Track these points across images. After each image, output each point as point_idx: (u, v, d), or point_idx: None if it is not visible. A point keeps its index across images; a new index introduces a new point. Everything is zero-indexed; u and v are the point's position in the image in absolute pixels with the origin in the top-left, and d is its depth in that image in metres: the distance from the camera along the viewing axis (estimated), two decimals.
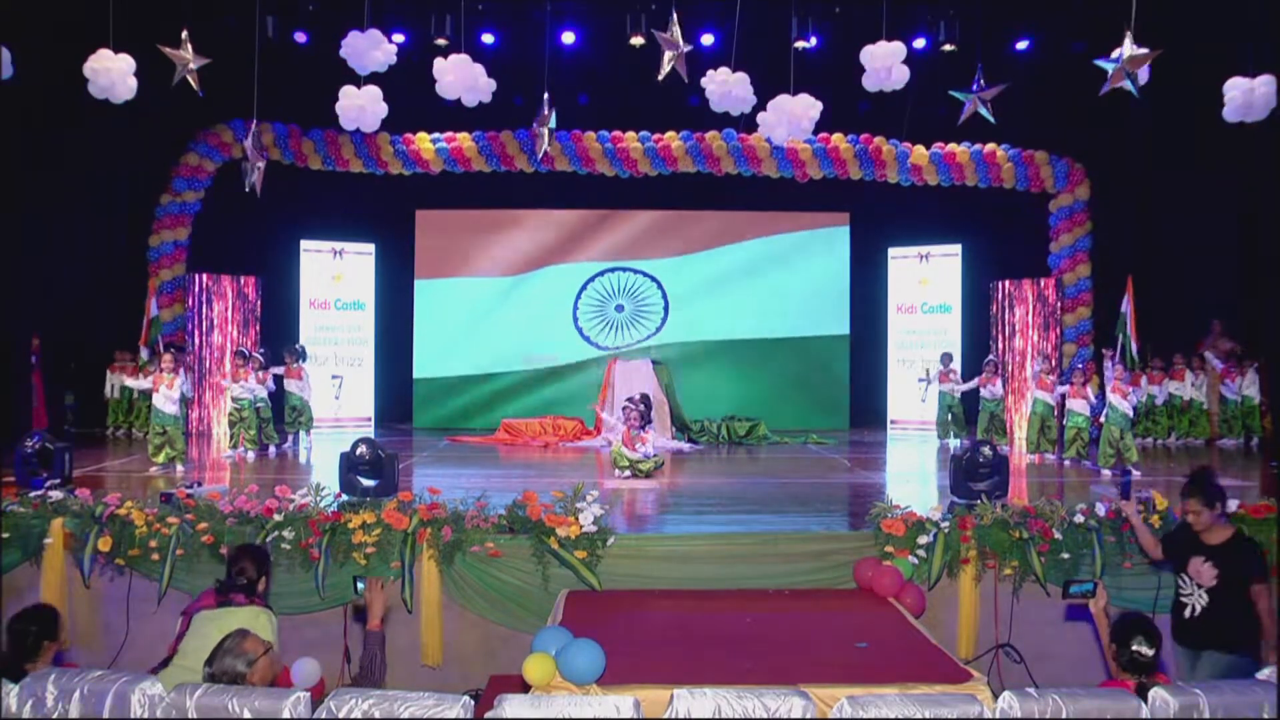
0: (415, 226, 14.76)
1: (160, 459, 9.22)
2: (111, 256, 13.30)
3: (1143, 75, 7.67)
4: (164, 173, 13.31)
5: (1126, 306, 11.83)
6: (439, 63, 8.41)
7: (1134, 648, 3.71)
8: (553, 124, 9.26)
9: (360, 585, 4.29)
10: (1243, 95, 7.70)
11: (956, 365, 12.61)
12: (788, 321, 14.74)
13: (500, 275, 14.86)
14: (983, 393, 11.64)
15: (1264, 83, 7.63)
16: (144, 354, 12.22)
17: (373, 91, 8.28)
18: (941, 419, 12.31)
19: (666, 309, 14.87)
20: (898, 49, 8.13)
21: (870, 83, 8.26)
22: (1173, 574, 4.88)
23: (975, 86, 8.69)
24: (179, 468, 9.20)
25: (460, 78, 8.30)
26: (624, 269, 14.90)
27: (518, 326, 14.82)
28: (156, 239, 13.35)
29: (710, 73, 8.26)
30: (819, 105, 8.34)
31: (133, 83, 7.77)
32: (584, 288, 14.89)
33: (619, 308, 14.90)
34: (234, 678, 3.55)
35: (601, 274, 14.88)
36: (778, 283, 14.75)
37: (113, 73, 7.61)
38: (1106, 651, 3.89)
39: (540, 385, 14.77)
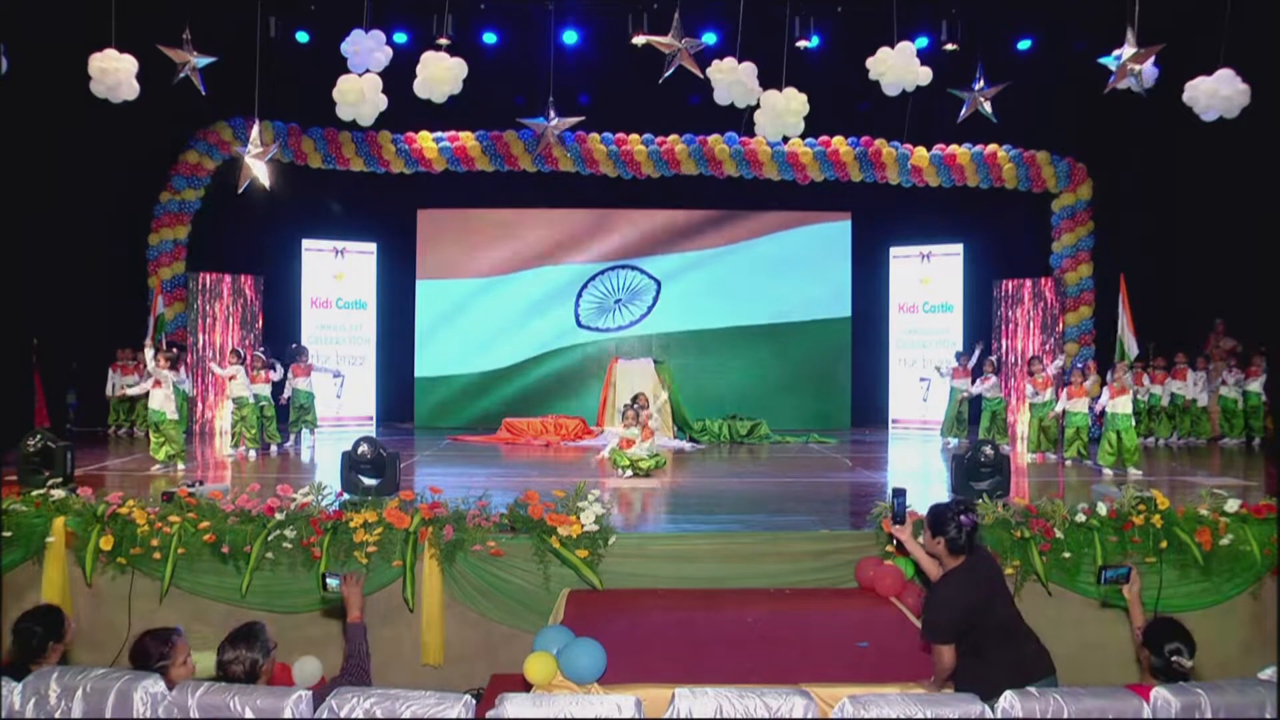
0: (417, 226, 14.78)
1: (161, 456, 9.23)
2: (112, 255, 13.31)
3: (1150, 74, 7.65)
4: (163, 171, 13.32)
5: (1121, 306, 11.84)
6: (420, 69, 8.38)
7: (1172, 658, 3.56)
8: (558, 127, 9.25)
9: (331, 582, 4.23)
10: (1201, 94, 7.72)
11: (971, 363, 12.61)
12: (789, 315, 14.75)
13: (502, 275, 14.87)
14: (985, 391, 11.65)
15: (1219, 79, 7.62)
16: (149, 353, 12.21)
17: (372, 79, 8.22)
18: (950, 416, 12.30)
19: (658, 296, 14.89)
20: (907, 49, 8.12)
21: (892, 89, 8.25)
22: None
23: (975, 85, 8.68)
24: (179, 466, 9.21)
25: (427, 74, 8.22)
26: (625, 267, 14.91)
27: (519, 326, 14.83)
28: (156, 237, 13.36)
29: (716, 63, 8.24)
30: (802, 97, 8.32)
31: (136, 84, 7.78)
32: (584, 288, 14.90)
33: (618, 302, 14.92)
34: (253, 665, 3.56)
35: (602, 273, 14.89)
36: (780, 280, 14.76)
37: (120, 73, 7.60)
38: (1138, 654, 3.80)
39: (542, 384, 14.78)
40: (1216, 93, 7.55)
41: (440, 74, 8.11)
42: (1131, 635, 3.94)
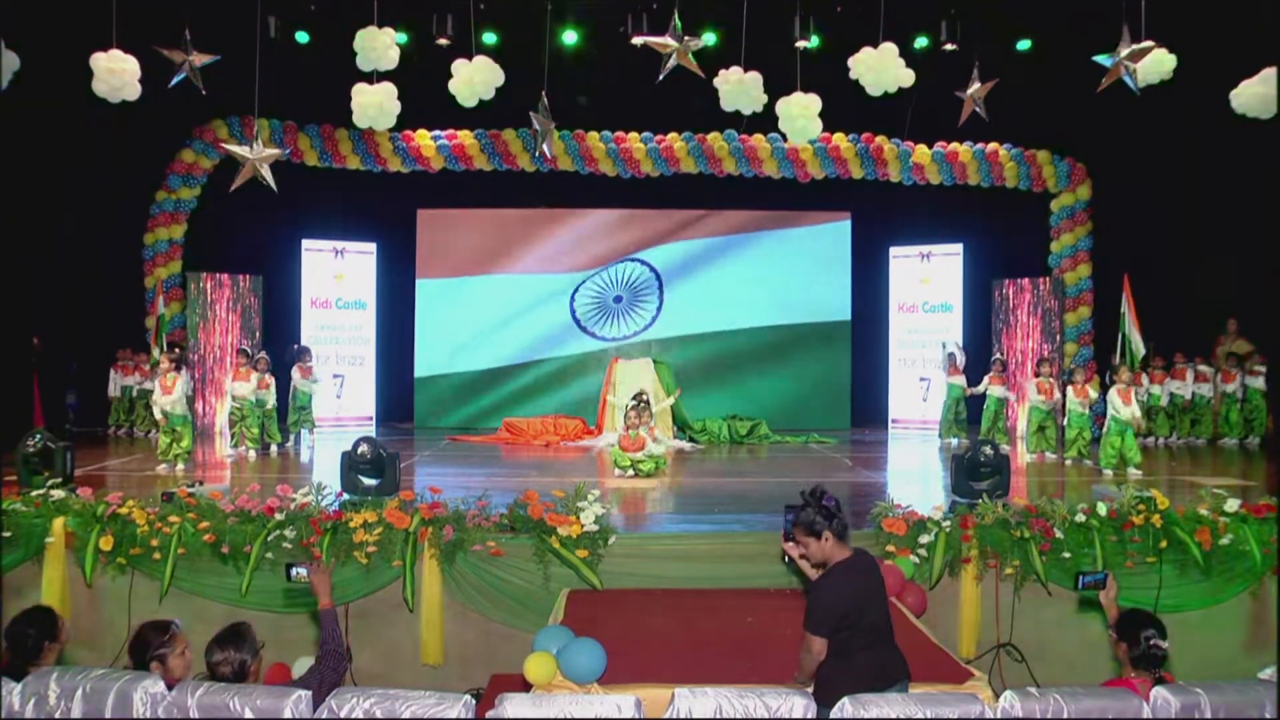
0: (416, 225, 14.78)
1: (170, 457, 9.24)
2: (109, 255, 13.30)
3: (1168, 69, 7.65)
4: (160, 170, 13.28)
5: (1125, 305, 11.83)
6: (456, 70, 8.38)
7: (1150, 641, 3.65)
8: (552, 126, 9.22)
9: (297, 571, 4.22)
10: (1248, 98, 7.67)
11: (960, 361, 12.63)
12: (789, 315, 14.76)
13: (502, 274, 14.87)
14: (992, 390, 11.64)
15: (1264, 80, 7.60)
16: (155, 353, 12.22)
17: (388, 88, 8.22)
18: (947, 417, 12.29)
19: (661, 300, 14.89)
20: (889, 49, 8.12)
21: (874, 89, 8.25)
22: None
23: (971, 88, 8.67)
24: (179, 466, 9.21)
25: (483, 81, 8.27)
26: (625, 260, 14.91)
27: (519, 325, 14.83)
28: (151, 236, 13.32)
29: (723, 72, 8.26)
30: (808, 98, 8.33)
31: (139, 85, 7.78)
32: (581, 283, 14.90)
33: (617, 299, 14.92)
34: (241, 665, 3.56)
35: (600, 270, 14.88)
36: (779, 280, 14.77)
37: (126, 74, 7.60)
38: (1115, 650, 3.84)
39: (542, 384, 14.79)
40: (1262, 94, 7.53)
41: (478, 76, 8.18)
42: (1107, 635, 3.99)
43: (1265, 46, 7.73)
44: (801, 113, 8.29)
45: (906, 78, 8.29)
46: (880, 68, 8.10)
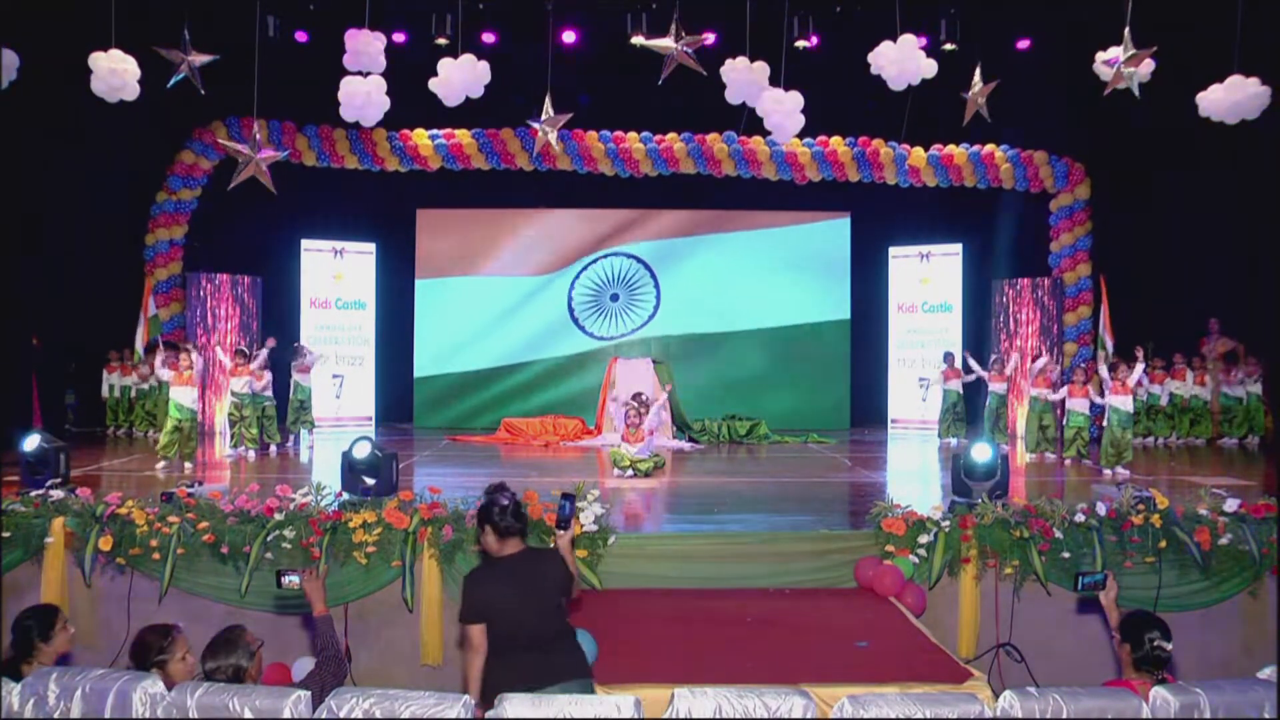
0: (416, 225, 14.78)
1: (170, 454, 9.22)
2: (110, 256, 13.30)
3: (1145, 71, 7.65)
4: (160, 171, 13.29)
5: (1102, 307, 11.92)
6: (441, 69, 8.36)
7: (1154, 643, 3.64)
8: (554, 129, 9.22)
9: (292, 579, 4.14)
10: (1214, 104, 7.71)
11: (958, 363, 12.64)
12: (788, 315, 14.76)
13: (501, 274, 14.88)
14: (994, 388, 11.65)
15: (1230, 86, 7.63)
16: (139, 352, 12.20)
17: (376, 81, 8.21)
18: (945, 417, 12.30)
19: (659, 298, 14.87)
20: (909, 41, 8.10)
21: (897, 83, 8.23)
22: None
23: (971, 89, 8.66)
24: (187, 465, 9.21)
25: (462, 80, 8.26)
26: (620, 254, 14.89)
27: (518, 325, 14.83)
28: (152, 237, 13.34)
29: (730, 62, 8.25)
30: (793, 95, 8.34)
31: (138, 85, 7.77)
32: (576, 279, 14.89)
33: (614, 297, 14.91)
34: (236, 671, 3.55)
35: (597, 260, 14.86)
36: (779, 280, 14.77)
37: (127, 74, 7.59)
38: (1118, 651, 3.85)
39: (541, 384, 14.79)
40: (1227, 100, 7.53)
41: (457, 75, 8.15)
42: (1109, 636, 3.99)
43: (1244, 49, 7.75)
44: (776, 108, 8.27)
45: (929, 68, 8.26)
46: (902, 60, 8.08)
